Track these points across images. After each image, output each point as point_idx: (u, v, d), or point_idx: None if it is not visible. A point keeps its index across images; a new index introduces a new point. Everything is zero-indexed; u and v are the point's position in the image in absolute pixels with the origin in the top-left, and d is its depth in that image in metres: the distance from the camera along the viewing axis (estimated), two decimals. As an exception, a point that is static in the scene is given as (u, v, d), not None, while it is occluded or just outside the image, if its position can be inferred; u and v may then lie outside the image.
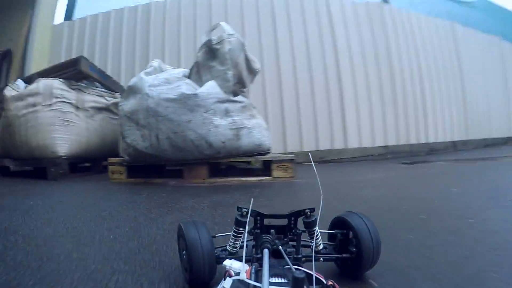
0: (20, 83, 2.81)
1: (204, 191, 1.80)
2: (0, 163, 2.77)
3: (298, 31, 4.13)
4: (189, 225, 0.59)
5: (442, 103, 4.92)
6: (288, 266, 0.46)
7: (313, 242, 0.59)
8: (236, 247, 0.59)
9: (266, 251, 0.50)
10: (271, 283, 0.40)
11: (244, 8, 4.16)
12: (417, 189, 1.79)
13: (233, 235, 0.59)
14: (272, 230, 0.58)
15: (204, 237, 0.56)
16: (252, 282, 0.41)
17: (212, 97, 2.09)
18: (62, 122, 2.57)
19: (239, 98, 2.22)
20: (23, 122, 2.57)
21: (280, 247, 0.53)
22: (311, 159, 1.19)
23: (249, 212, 0.56)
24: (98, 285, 0.62)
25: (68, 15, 8.11)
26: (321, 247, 0.60)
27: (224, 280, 0.45)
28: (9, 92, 2.70)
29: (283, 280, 0.42)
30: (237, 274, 0.44)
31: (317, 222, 0.58)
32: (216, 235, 0.64)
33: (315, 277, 0.44)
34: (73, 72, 2.77)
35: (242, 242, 0.55)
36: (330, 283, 0.44)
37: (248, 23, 4.12)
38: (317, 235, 0.59)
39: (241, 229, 0.57)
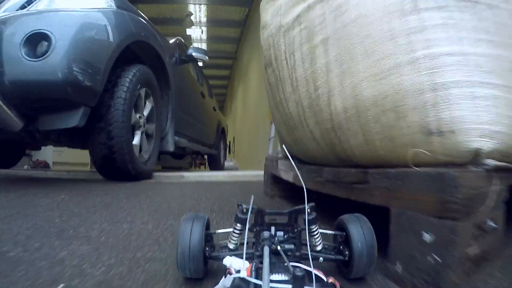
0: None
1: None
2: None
3: None
4: (185, 219, 0.59)
5: None
6: (290, 263, 0.46)
7: (312, 240, 0.58)
8: (236, 244, 0.59)
9: (266, 248, 0.50)
10: (271, 281, 0.40)
11: None
12: None
13: (234, 232, 0.59)
14: (273, 227, 0.58)
15: (194, 234, 0.56)
16: (253, 280, 0.41)
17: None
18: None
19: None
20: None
21: (280, 245, 0.53)
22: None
23: (250, 209, 0.56)
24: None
25: None
26: (320, 246, 0.59)
27: (225, 277, 0.45)
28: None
29: (284, 278, 0.42)
30: (238, 271, 0.44)
31: (317, 220, 0.57)
32: (217, 231, 0.64)
33: (316, 274, 0.44)
34: None
35: (243, 239, 0.55)
36: (330, 280, 0.44)
37: None
38: (317, 234, 0.58)
39: (241, 226, 0.57)
